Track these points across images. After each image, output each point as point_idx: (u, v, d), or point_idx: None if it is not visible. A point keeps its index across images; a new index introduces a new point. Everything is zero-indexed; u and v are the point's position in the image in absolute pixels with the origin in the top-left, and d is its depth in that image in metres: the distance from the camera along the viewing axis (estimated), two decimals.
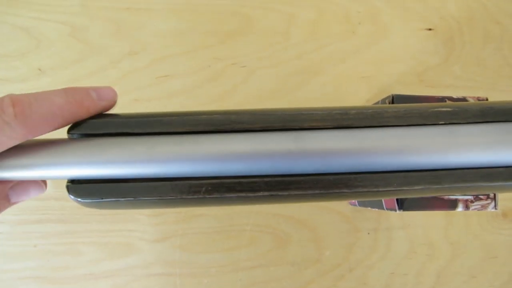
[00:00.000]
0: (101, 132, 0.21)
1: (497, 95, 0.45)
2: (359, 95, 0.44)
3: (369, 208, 0.38)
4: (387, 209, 0.32)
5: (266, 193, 0.20)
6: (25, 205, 0.39)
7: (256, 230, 0.41)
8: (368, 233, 0.42)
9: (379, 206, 0.34)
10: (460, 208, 0.31)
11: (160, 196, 0.20)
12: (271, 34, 0.44)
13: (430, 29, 0.46)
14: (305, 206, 0.42)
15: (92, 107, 0.20)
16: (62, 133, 0.20)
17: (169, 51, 0.42)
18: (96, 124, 0.21)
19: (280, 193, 0.20)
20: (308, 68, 0.44)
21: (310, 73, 0.44)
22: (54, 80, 0.41)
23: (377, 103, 0.36)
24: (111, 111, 0.21)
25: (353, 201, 0.41)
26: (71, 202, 0.39)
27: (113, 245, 0.40)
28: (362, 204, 0.39)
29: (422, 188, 0.21)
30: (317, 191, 0.21)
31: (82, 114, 0.20)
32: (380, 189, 0.21)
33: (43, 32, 0.42)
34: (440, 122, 0.21)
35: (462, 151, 0.20)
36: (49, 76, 0.41)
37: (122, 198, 0.20)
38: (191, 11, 0.43)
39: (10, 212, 0.39)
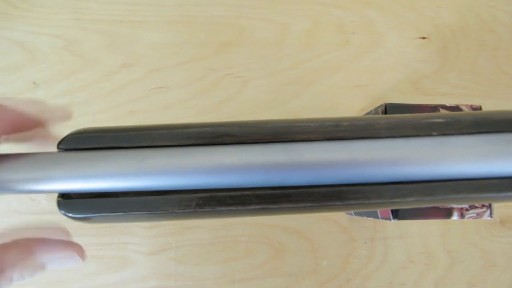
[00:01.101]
0: (91, 146, 0.20)
1: (493, 103, 0.45)
2: (354, 104, 0.44)
3: (365, 217, 0.38)
4: (382, 218, 0.32)
5: (257, 206, 0.20)
6: (19, 220, 0.39)
7: (252, 241, 0.40)
8: (365, 243, 0.42)
9: (374, 215, 0.33)
10: (455, 217, 0.31)
11: (150, 210, 0.20)
12: (266, 45, 0.44)
13: (424, 38, 0.46)
14: (301, 216, 0.41)
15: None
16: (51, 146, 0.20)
17: (164, 62, 0.43)
18: (86, 138, 0.21)
19: (271, 206, 0.20)
20: (302, 78, 0.44)
21: (305, 83, 0.44)
22: (48, 93, 0.41)
23: (370, 112, 0.36)
24: (104, 123, 0.21)
25: None
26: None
27: (108, 258, 0.39)
28: (358, 213, 0.39)
29: (415, 200, 0.21)
30: (308, 204, 0.20)
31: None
32: (373, 201, 0.21)
33: (38, 46, 0.42)
34: (433, 133, 0.21)
35: (455, 163, 0.20)
36: (43, 89, 0.41)
37: (113, 212, 0.20)
38: (185, 23, 0.44)
39: (4, 227, 0.39)
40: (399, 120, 0.21)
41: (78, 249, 0.20)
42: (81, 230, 0.39)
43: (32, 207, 0.39)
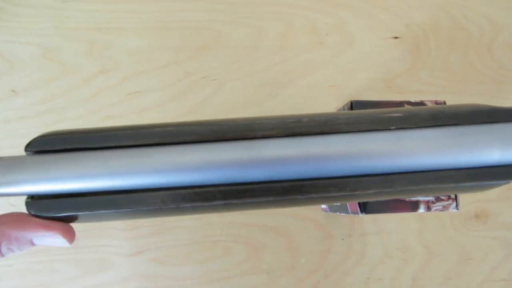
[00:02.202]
0: (58, 148, 0.21)
1: (465, 99, 0.47)
2: (329, 104, 0.45)
3: (338, 213, 0.38)
4: (351, 212, 0.33)
5: (221, 202, 0.21)
6: None
7: (230, 240, 0.41)
8: (342, 239, 0.43)
9: (345, 211, 0.34)
10: (421, 210, 0.31)
11: (117, 209, 0.21)
12: (240, 48, 0.45)
13: (396, 37, 0.48)
14: (278, 215, 0.42)
15: None
16: (20, 150, 0.21)
17: (140, 67, 0.43)
18: (53, 141, 0.21)
19: (234, 201, 0.21)
20: (277, 80, 0.45)
21: (280, 84, 0.45)
22: (27, 101, 0.42)
23: (340, 110, 0.37)
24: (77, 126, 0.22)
25: (325, 206, 0.41)
26: None
27: (88, 261, 0.40)
28: (331, 209, 0.40)
29: (375, 192, 0.21)
30: (271, 198, 0.21)
31: None
32: (333, 194, 0.21)
33: (17, 54, 0.43)
34: (391, 127, 0.22)
35: (412, 155, 0.21)
36: (22, 97, 0.42)
37: (80, 211, 0.21)
38: (161, 28, 0.44)
39: None
40: (358, 115, 0.22)
41: (64, 230, 0.21)
42: None
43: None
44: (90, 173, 0.21)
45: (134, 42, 0.44)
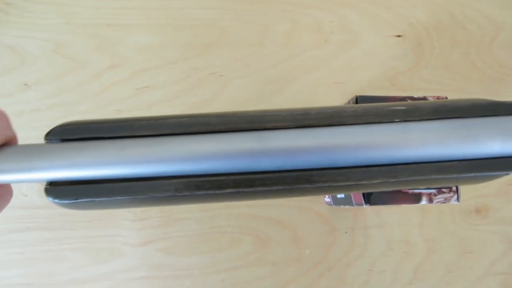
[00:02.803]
0: (77, 136, 0.22)
1: (466, 97, 0.47)
2: (333, 101, 0.46)
3: (342, 206, 0.39)
4: (356, 204, 0.34)
5: (232, 190, 0.22)
6: (12, 214, 0.40)
7: (237, 232, 0.42)
8: (346, 232, 0.44)
9: (350, 203, 0.35)
10: (424, 201, 0.32)
11: (132, 195, 0.22)
12: (247, 45, 0.46)
13: (399, 36, 0.49)
14: (283, 208, 0.43)
15: None
16: (39, 138, 0.22)
17: (149, 63, 0.44)
18: (72, 130, 0.22)
19: (246, 189, 0.22)
20: (282, 76, 0.46)
21: (285, 81, 0.46)
22: (39, 94, 0.43)
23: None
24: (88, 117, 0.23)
25: (329, 200, 0.42)
26: (56, 210, 0.40)
27: (97, 250, 0.41)
28: (336, 202, 0.41)
29: (380, 182, 0.22)
30: (280, 187, 0.22)
31: None
32: (341, 184, 0.22)
33: (28, 49, 0.44)
34: (396, 120, 0.23)
35: (416, 146, 0.22)
36: (34, 91, 0.43)
37: (97, 198, 0.22)
38: (169, 26, 0.45)
39: None
40: (364, 109, 0.23)
41: None
42: (70, 224, 0.41)
43: (24, 202, 0.41)
44: (107, 160, 0.21)
45: (142, 39, 0.45)
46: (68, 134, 0.22)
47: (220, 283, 0.41)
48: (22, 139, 0.40)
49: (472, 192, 0.46)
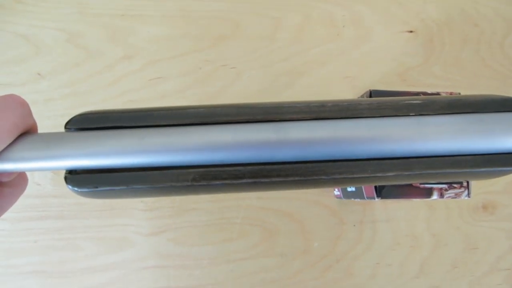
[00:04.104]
0: (97, 126, 0.22)
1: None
2: (343, 95, 0.46)
3: (352, 199, 0.40)
4: (367, 197, 0.34)
5: (249, 180, 0.22)
6: (25, 203, 0.41)
7: (246, 223, 0.43)
8: (354, 225, 0.44)
9: (361, 196, 0.36)
10: (435, 196, 0.33)
11: (151, 184, 0.22)
12: (259, 38, 0.46)
13: (411, 32, 0.49)
14: (293, 200, 0.44)
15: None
16: (60, 127, 0.22)
17: (162, 55, 0.45)
18: (92, 119, 0.22)
19: (262, 180, 0.22)
20: (294, 70, 0.46)
21: (296, 74, 0.46)
22: (52, 84, 0.43)
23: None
24: (105, 107, 0.23)
25: (338, 193, 0.43)
26: (69, 199, 0.41)
27: (109, 239, 0.41)
28: (346, 195, 0.41)
29: (394, 175, 0.23)
30: (296, 178, 0.22)
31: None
32: (356, 176, 0.22)
33: (42, 39, 0.44)
34: (411, 114, 0.23)
35: (430, 140, 0.22)
36: (48, 80, 0.43)
37: (116, 186, 0.22)
38: (182, 17, 0.46)
39: (11, 210, 0.40)
40: (379, 102, 0.23)
41: None
42: (83, 213, 0.41)
43: (37, 191, 0.41)
44: (127, 149, 0.22)
45: (155, 30, 0.45)
46: (88, 123, 0.22)
47: (228, 273, 0.42)
48: (36, 122, 0.41)
49: (480, 188, 0.46)
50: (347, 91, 0.46)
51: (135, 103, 0.43)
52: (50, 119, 0.43)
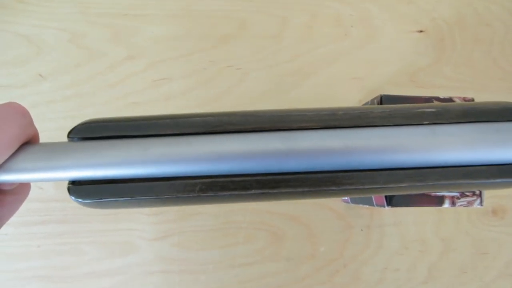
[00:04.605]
0: (100, 135, 0.21)
1: (487, 96, 0.47)
2: (351, 96, 0.45)
3: (361, 205, 0.39)
4: (376, 205, 0.33)
5: (257, 191, 0.21)
6: (28, 207, 0.40)
7: (252, 227, 0.42)
8: (361, 230, 0.43)
9: (370, 202, 0.35)
10: (446, 205, 0.32)
11: (156, 195, 0.21)
12: (265, 38, 0.45)
13: (421, 31, 0.47)
14: (299, 204, 0.43)
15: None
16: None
17: (165, 55, 0.44)
18: (95, 128, 0.22)
19: (270, 190, 0.21)
20: (300, 70, 0.45)
21: (303, 75, 0.45)
22: (54, 85, 0.42)
23: (367, 103, 0.37)
24: (109, 114, 0.22)
25: (346, 198, 0.42)
26: (72, 203, 0.40)
27: (113, 244, 0.41)
28: (354, 201, 0.40)
29: (407, 186, 0.22)
30: (306, 189, 0.21)
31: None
32: (367, 187, 0.22)
33: (43, 39, 0.43)
34: (424, 122, 0.22)
35: (444, 150, 0.21)
36: (49, 82, 0.42)
37: (120, 197, 0.21)
38: (186, 16, 0.45)
39: (14, 214, 0.40)
40: (391, 110, 0.22)
41: None
42: (86, 217, 0.41)
43: (40, 195, 0.41)
44: (132, 160, 0.21)
45: (159, 29, 0.44)
46: (91, 132, 0.22)
47: (234, 278, 0.41)
48: (38, 131, 0.40)
49: (490, 193, 0.45)
50: (355, 92, 0.45)
51: (139, 105, 0.43)
52: (53, 121, 0.42)
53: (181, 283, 0.41)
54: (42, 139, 0.22)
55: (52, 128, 0.41)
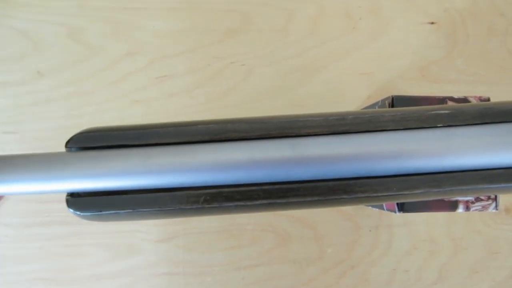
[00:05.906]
0: (99, 145, 0.21)
1: (502, 89, 0.45)
2: (360, 92, 0.44)
3: (370, 207, 0.38)
4: (387, 210, 0.32)
5: (264, 201, 0.20)
6: (30, 208, 0.40)
7: (258, 229, 0.41)
8: (370, 230, 0.42)
9: (380, 206, 0.34)
10: (460, 209, 0.31)
11: (159, 207, 0.20)
12: (270, 32, 0.43)
13: (432, 23, 0.45)
14: None
15: None
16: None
17: (168, 51, 0.42)
18: (94, 137, 0.21)
19: (278, 200, 0.20)
20: (308, 65, 0.43)
21: (310, 70, 0.43)
22: (53, 83, 0.41)
23: (377, 103, 0.36)
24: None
25: None
26: None
27: (116, 246, 0.40)
28: None
29: (422, 192, 0.21)
30: (315, 198, 0.20)
31: None
32: (380, 194, 0.21)
33: (41, 34, 0.42)
34: (438, 125, 0.21)
35: (461, 154, 0.20)
36: (48, 79, 0.41)
37: (121, 210, 0.20)
38: (189, 10, 0.43)
39: (15, 216, 0.40)
40: (404, 113, 0.21)
41: None
42: None
43: (40, 196, 0.40)
44: (132, 170, 0.20)
45: (161, 24, 0.43)
46: (90, 142, 0.21)
47: (240, 281, 0.41)
48: (37, 131, 0.39)
49: None
50: (365, 88, 0.44)
51: (141, 103, 0.41)
52: (52, 120, 0.41)
53: (186, 286, 0.40)
54: (43, 138, 0.21)
55: (52, 128, 0.40)
